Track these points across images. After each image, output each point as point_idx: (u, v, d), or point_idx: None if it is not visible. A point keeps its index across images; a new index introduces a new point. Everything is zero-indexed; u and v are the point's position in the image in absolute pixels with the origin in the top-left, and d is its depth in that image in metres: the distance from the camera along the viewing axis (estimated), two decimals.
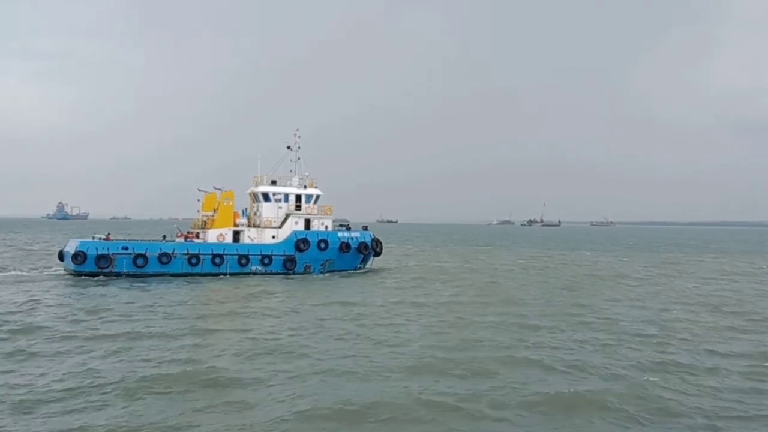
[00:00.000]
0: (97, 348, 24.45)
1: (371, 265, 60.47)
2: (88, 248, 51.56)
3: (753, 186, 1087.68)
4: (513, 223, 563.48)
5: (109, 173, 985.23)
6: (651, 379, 21.13)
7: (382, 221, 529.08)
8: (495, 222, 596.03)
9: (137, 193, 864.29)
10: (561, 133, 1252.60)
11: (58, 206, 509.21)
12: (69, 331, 27.73)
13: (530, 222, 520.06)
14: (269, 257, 54.97)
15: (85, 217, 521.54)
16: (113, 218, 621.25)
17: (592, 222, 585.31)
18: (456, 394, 19.05)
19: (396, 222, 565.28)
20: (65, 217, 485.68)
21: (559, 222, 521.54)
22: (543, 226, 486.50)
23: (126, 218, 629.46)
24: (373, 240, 59.02)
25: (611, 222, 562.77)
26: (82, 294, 40.73)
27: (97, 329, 28.41)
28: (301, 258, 55.72)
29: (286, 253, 55.52)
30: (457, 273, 59.96)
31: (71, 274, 51.88)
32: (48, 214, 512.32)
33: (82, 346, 24.78)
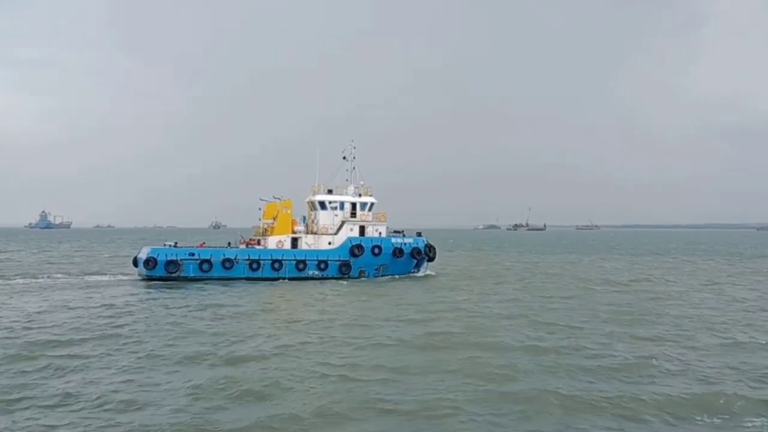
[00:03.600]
0: None
1: (425, 269, 62.89)
2: (158, 254, 54.58)
3: (737, 189, 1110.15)
4: (499, 228, 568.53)
5: (88, 180, 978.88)
6: None
7: None
8: (481, 226, 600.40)
9: (119, 200, 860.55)
10: (545, 141, 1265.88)
11: (41, 215, 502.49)
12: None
13: (516, 226, 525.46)
14: (325, 262, 57.61)
15: (68, 226, 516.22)
16: (97, 227, 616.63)
17: (577, 226, 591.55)
18: None
19: None
20: (48, 226, 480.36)
21: (545, 226, 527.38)
22: (528, 230, 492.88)
23: (110, 227, 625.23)
24: (426, 245, 61.45)
25: (597, 226, 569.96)
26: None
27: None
28: (356, 263, 58.33)
29: (342, 259, 58.15)
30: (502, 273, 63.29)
31: (144, 279, 54.89)
32: (30, 224, 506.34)
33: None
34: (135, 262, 58.27)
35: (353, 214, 60.59)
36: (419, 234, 62.84)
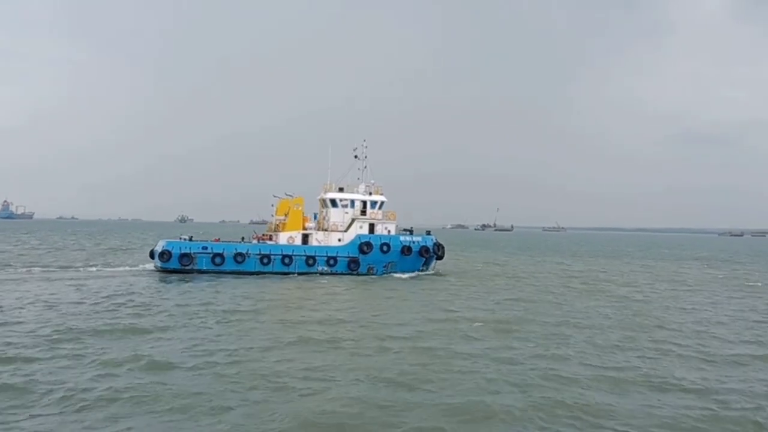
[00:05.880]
0: None
1: (434, 267, 64.18)
2: (173, 248, 55.85)
3: (702, 196, 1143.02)
4: (467, 228, 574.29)
5: (48, 168, 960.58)
6: None
7: None
8: (449, 226, 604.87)
9: (80, 189, 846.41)
10: (513, 146, 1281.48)
11: (2, 205, 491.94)
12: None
13: (483, 226, 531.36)
14: (335, 258, 58.83)
15: (30, 216, 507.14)
16: (60, 218, 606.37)
17: (544, 227, 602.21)
18: None
19: None
20: (10, 217, 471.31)
21: (512, 227, 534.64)
22: (496, 230, 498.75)
23: (73, 218, 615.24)
24: (435, 244, 62.69)
25: (563, 227, 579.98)
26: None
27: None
28: (365, 260, 59.54)
29: (351, 255, 59.36)
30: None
31: (159, 270, 56.18)
32: None
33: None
34: (152, 254, 59.26)
35: (363, 212, 61.77)
36: (428, 233, 64.31)
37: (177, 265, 54.89)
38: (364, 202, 62.03)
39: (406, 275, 59.71)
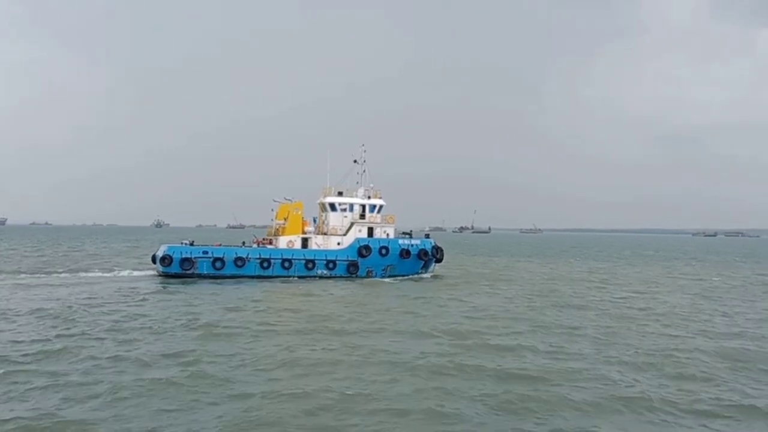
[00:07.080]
0: None
1: (433, 270, 64.61)
2: (174, 252, 56.32)
3: (675, 198, 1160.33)
4: (444, 230, 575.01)
5: (15, 170, 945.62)
6: None
7: None
8: (427, 229, 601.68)
9: (50, 192, 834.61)
10: (489, 149, 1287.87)
11: None
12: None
13: (461, 229, 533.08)
14: (334, 262, 59.29)
15: (3, 222, 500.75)
16: (33, 224, 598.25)
17: (521, 229, 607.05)
18: None
19: None
20: None
21: (489, 229, 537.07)
22: (473, 232, 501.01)
23: (47, 224, 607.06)
24: (433, 247, 63.25)
25: (539, 229, 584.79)
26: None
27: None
28: (364, 263, 59.97)
29: (350, 259, 59.80)
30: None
31: (160, 275, 56.61)
32: None
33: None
34: (153, 259, 59.44)
35: (362, 216, 62.27)
36: (427, 236, 65.06)
37: (178, 269, 55.41)
38: (363, 206, 62.58)
39: (404, 278, 60.27)
